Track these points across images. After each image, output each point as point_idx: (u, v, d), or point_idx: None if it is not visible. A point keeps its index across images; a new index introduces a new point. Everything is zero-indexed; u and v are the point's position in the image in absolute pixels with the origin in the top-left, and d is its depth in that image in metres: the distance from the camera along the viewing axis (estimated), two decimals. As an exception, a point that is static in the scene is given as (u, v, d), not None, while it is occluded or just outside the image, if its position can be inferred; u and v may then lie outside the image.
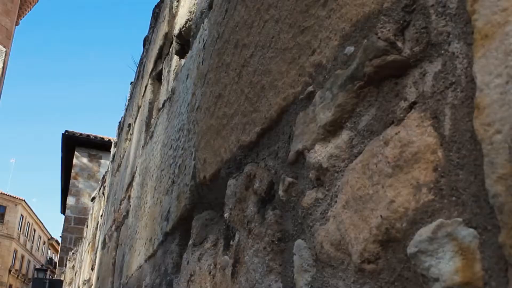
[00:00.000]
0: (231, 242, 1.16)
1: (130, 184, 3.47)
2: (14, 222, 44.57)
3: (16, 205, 44.86)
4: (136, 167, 3.21)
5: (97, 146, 16.80)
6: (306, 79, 0.89)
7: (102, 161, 16.73)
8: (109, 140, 16.56)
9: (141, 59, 4.28)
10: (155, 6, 3.90)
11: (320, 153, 0.82)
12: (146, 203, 2.53)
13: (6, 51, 21.92)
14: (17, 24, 25.79)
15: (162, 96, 2.77)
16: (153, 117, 3.02)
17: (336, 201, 0.77)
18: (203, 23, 1.93)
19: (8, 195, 44.24)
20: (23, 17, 26.85)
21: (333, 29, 0.82)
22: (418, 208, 0.60)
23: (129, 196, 3.39)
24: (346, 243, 0.72)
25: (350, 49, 0.77)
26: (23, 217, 46.59)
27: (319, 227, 0.80)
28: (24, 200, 45.60)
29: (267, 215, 0.98)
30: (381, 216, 0.65)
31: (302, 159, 0.88)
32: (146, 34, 4.21)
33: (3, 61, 21.39)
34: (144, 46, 4.26)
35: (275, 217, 0.95)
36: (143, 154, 2.97)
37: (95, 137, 16.86)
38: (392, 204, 0.63)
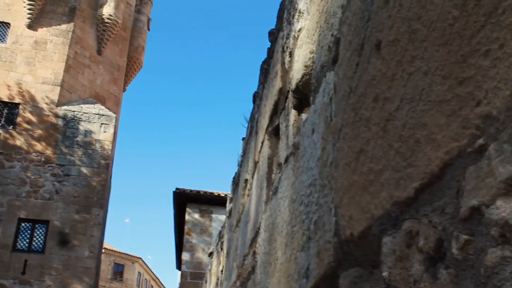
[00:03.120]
0: (395, 303, 1.12)
1: (253, 240, 3.50)
2: (133, 279, 46.36)
3: (133, 263, 46.77)
4: (260, 222, 3.24)
5: (207, 201, 17.24)
6: (473, 131, 0.86)
7: (213, 215, 17.11)
8: (218, 194, 16.97)
9: (252, 115, 4.38)
10: (263, 62, 4.01)
11: (504, 209, 0.77)
12: (277, 259, 2.53)
13: (116, 117, 23.40)
14: (124, 90, 27.56)
15: (282, 151, 2.80)
16: (274, 172, 3.05)
17: (531, 260, 0.72)
18: (325, 77, 1.94)
19: (126, 253, 46.27)
20: (129, 83, 28.63)
21: (502, 79, 0.79)
22: None
23: (254, 252, 3.42)
24: (552, 306, 0.67)
25: (527, 98, 0.74)
26: (140, 274, 48.39)
27: (510, 287, 0.76)
28: (140, 258, 47.46)
29: (439, 274, 0.94)
30: None
31: (478, 215, 0.84)
32: (256, 90, 4.32)
33: (114, 126, 22.81)
34: (254, 101, 4.37)
35: (450, 276, 0.91)
36: (267, 209, 3.00)
37: (205, 192, 17.34)
38: None
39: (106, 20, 24.81)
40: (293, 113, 2.62)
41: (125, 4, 26.21)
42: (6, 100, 21.79)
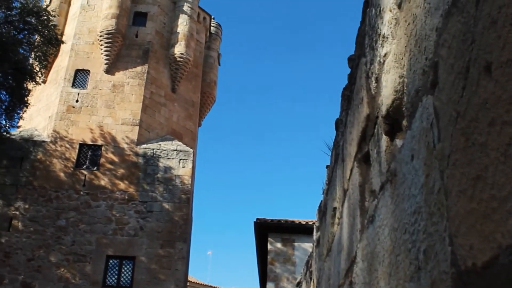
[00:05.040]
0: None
1: (349, 269, 3.44)
2: (218, 311, 46.51)
3: (217, 295, 46.99)
4: (356, 252, 3.18)
5: (288, 229, 17.19)
6: None
7: (296, 244, 17.01)
8: (299, 222, 16.89)
9: (336, 142, 4.35)
10: (344, 89, 3.99)
11: None
12: (380, 290, 2.46)
13: (193, 151, 23.91)
14: (199, 125, 28.17)
15: (376, 178, 2.75)
16: (367, 200, 3.00)
17: None
18: (421, 101, 1.90)
19: (210, 286, 46.64)
20: (204, 118, 29.25)
21: None
22: None
23: (351, 282, 3.35)
24: None
25: None
26: (225, 306, 48.46)
27: None
28: (224, 290, 47.57)
29: None
30: None
31: None
32: (338, 117, 4.29)
33: (192, 161, 23.30)
34: (337, 129, 4.34)
35: None
36: (363, 238, 2.94)
37: (286, 221, 17.31)
38: None
39: (178, 59, 25.62)
40: (384, 139, 2.57)
41: (195, 42, 27.01)
42: (90, 142, 22.80)
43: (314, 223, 12.89)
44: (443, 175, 1.58)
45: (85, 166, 22.42)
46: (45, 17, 21.48)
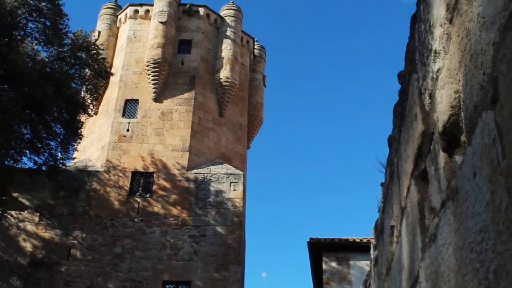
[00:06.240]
0: None
1: (412, 289, 3.37)
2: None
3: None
4: (418, 271, 3.11)
5: (342, 248, 16.96)
6: None
7: (351, 262, 16.76)
8: (354, 240, 16.65)
9: (390, 159, 4.30)
10: (395, 105, 3.95)
11: None
12: (448, 310, 2.40)
13: (243, 174, 24.00)
14: (248, 147, 28.31)
15: (435, 196, 2.70)
16: (426, 218, 2.94)
17: None
18: (481, 117, 1.87)
19: (266, 308, 46.28)
20: (252, 140, 29.38)
21: None
22: None
23: (415, 302, 3.28)
24: None
25: None
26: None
27: None
28: (280, 311, 47.18)
29: None
30: None
31: None
32: (390, 134, 4.25)
33: (242, 183, 23.38)
34: (390, 146, 4.29)
35: None
36: (426, 257, 2.88)
37: (339, 239, 17.10)
38: None
39: (224, 83, 25.93)
40: (442, 155, 2.53)
41: (240, 66, 27.29)
42: (142, 170, 23.23)
43: (369, 240, 12.66)
44: (511, 192, 1.54)
45: (138, 193, 22.82)
46: (95, 51, 22.21)
